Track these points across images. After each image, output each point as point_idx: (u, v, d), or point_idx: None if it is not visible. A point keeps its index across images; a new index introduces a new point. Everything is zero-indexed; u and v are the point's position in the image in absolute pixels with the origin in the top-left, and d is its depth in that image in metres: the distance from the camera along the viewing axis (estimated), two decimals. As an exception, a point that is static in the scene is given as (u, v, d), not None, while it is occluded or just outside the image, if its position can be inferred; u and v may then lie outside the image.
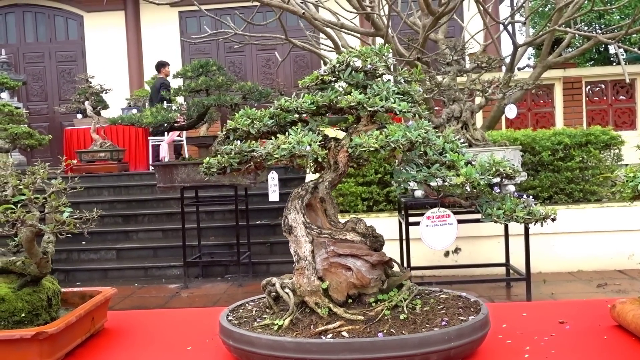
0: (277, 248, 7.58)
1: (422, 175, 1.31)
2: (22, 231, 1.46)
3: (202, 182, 6.33)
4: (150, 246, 7.76)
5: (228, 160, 1.49)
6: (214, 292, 6.26)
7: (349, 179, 6.69)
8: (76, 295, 1.91)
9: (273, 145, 1.37)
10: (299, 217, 1.49)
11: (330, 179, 1.57)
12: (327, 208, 1.57)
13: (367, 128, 1.53)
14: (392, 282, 1.55)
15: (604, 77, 9.17)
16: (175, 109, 6.67)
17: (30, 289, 1.62)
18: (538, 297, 5.33)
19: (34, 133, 6.65)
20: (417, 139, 1.30)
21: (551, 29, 6.57)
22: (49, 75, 14.56)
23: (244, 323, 1.49)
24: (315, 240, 1.49)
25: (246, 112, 1.57)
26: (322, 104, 1.52)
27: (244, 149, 1.48)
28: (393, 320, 1.40)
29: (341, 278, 1.46)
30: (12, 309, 1.56)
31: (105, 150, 9.70)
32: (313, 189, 1.56)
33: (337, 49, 6.55)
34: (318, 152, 1.37)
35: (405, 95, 1.49)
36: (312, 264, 1.45)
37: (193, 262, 6.92)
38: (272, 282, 1.47)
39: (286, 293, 1.43)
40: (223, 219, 8.22)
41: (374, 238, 1.52)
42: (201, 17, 14.32)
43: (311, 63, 14.29)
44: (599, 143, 6.58)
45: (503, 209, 1.35)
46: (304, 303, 1.45)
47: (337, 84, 1.61)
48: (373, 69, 1.48)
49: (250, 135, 1.57)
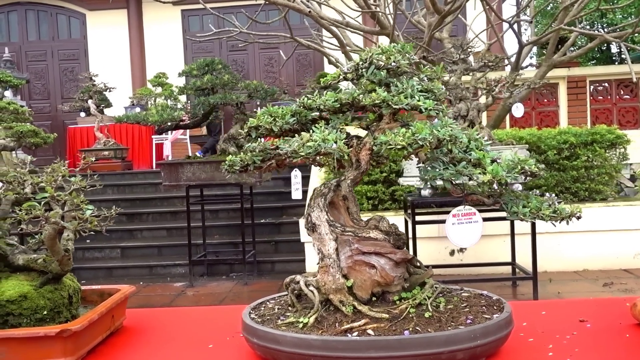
0: (282, 247, 7.58)
1: (449, 173, 1.31)
2: (45, 229, 1.46)
3: (207, 181, 6.33)
4: (155, 245, 7.77)
5: (251, 157, 1.49)
6: (220, 291, 6.26)
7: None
8: (95, 293, 1.91)
9: (299, 143, 1.37)
10: (323, 215, 1.49)
11: (352, 177, 1.57)
12: (349, 206, 1.57)
13: (390, 126, 1.53)
14: (414, 280, 1.55)
15: (608, 76, 9.16)
16: (180, 107, 6.67)
17: (52, 286, 1.62)
18: (544, 296, 5.33)
19: (39, 131, 6.63)
20: (444, 137, 1.30)
21: (557, 28, 6.57)
22: (51, 74, 14.56)
23: (268, 321, 1.49)
24: (339, 238, 1.49)
25: (268, 110, 1.57)
26: (345, 102, 1.51)
27: (267, 147, 1.47)
28: (418, 319, 1.40)
29: (365, 276, 1.46)
30: (35, 306, 1.56)
31: (109, 148, 9.71)
32: (335, 187, 1.56)
33: (342, 47, 6.55)
34: (344, 150, 1.37)
35: (429, 93, 1.48)
36: (337, 262, 1.44)
37: (198, 260, 6.92)
38: (296, 280, 1.47)
39: (311, 291, 1.43)
40: (227, 218, 8.22)
41: (396, 236, 1.52)
42: (204, 15, 14.31)
43: (314, 62, 14.28)
44: (605, 142, 6.58)
45: (529, 207, 1.35)
46: (329, 301, 1.45)
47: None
48: (396, 67, 1.48)
49: (273, 132, 1.57)
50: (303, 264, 6.80)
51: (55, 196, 1.52)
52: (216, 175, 6.32)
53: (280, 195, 8.55)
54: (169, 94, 6.47)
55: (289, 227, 7.83)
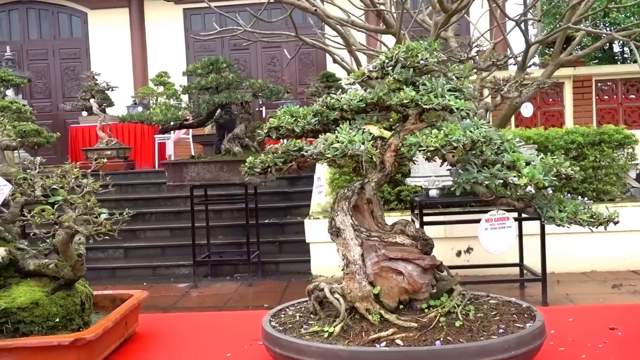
0: (286, 247, 7.52)
1: (484, 176, 1.25)
2: (58, 233, 1.40)
3: (212, 181, 6.27)
4: (158, 245, 7.71)
5: (273, 159, 1.43)
6: (224, 292, 6.20)
7: (359, 178, 6.62)
8: (107, 299, 1.85)
9: (325, 145, 1.31)
10: (347, 219, 1.43)
11: (376, 180, 1.51)
12: (373, 210, 1.51)
13: (417, 127, 1.47)
14: (441, 286, 1.49)
15: (615, 75, 9.10)
16: (184, 106, 6.61)
17: (64, 292, 1.56)
18: (553, 298, 5.27)
19: (42, 130, 6.59)
20: (478, 138, 1.24)
21: (564, 27, 6.51)
22: (52, 73, 14.48)
23: (290, 329, 1.43)
24: (365, 244, 1.43)
25: (289, 109, 1.51)
26: (370, 102, 1.46)
27: (290, 148, 1.41)
28: (448, 328, 1.34)
29: (392, 283, 1.40)
30: (47, 313, 1.50)
31: (111, 148, 9.64)
32: (360, 190, 1.50)
33: (348, 46, 6.49)
34: (372, 152, 1.31)
35: (458, 92, 1.43)
36: (363, 268, 1.39)
37: (202, 261, 6.86)
38: (320, 287, 1.41)
39: (336, 299, 1.37)
40: (231, 218, 8.16)
41: (423, 241, 1.46)
42: (206, 14, 14.25)
43: (316, 61, 14.22)
44: (613, 142, 6.52)
45: (565, 212, 1.29)
46: (354, 309, 1.39)
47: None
48: (423, 65, 1.42)
49: (294, 133, 1.51)
50: (308, 265, 6.74)
51: (68, 199, 1.46)
52: (221, 175, 6.26)
53: (284, 196, 8.49)
54: (172, 93, 6.41)
55: (293, 227, 7.76)
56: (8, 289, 1.51)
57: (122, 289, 1.97)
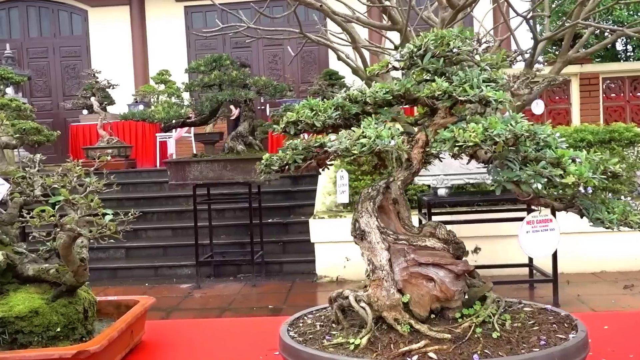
0: (290, 247, 7.41)
1: (527, 174, 1.14)
2: (60, 236, 1.29)
3: (215, 179, 6.16)
4: (160, 245, 7.60)
5: (292, 156, 1.32)
6: (228, 293, 6.09)
7: (365, 177, 6.52)
8: (111, 305, 1.74)
9: (350, 140, 1.20)
10: (373, 221, 1.32)
11: (403, 178, 1.40)
12: (400, 210, 1.40)
13: (447, 121, 1.36)
14: (473, 293, 1.38)
15: (622, 73, 8.99)
16: (186, 104, 6.50)
17: (66, 299, 1.45)
18: (564, 299, 5.16)
19: (43, 129, 6.48)
20: (522, 132, 1.13)
21: (573, 23, 6.39)
22: (52, 71, 14.37)
23: (311, 340, 1.32)
24: (392, 247, 1.32)
25: (309, 102, 1.40)
26: (397, 94, 1.34)
27: (311, 144, 1.30)
28: (485, 339, 1.23)
29: (423, 290, 1.29)
30: (47, 323, 1.39)
31: (112, 146, 9.53)
32: (385, 190, 1.39)
33: (354, 43, 6.37)
34: (403, 148, 1.19)
35: (492, 83, 1.31)
36: (391, 275, 1.28)
37: (205, 261, 6.75)
38: (345, 295, 1.30)
39: (362, 308, 1.26)
40: (234, 217, 8.05)
41: (455, 244, 1.35)
42: (207, 12, 14.14)
43: (319, 59, 14.11)
44: (623, 140, 6.40)
45: (615, 214, 1.18)
46: (381, 318, 1.28)
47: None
48: (456, 54, 1.31)
49: (314, 128, 1.40)
50: (312, 265, 6.63)
51: (70, 199, 1.35)
52: (224, 173, 6.16)
53: (287, 194, 8.38)
54: (175, 90, 6.30)
55: (297, 226, 7.65)
56: (5, 296, 1.40)
57: (124, 290, 1.86)
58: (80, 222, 1.40)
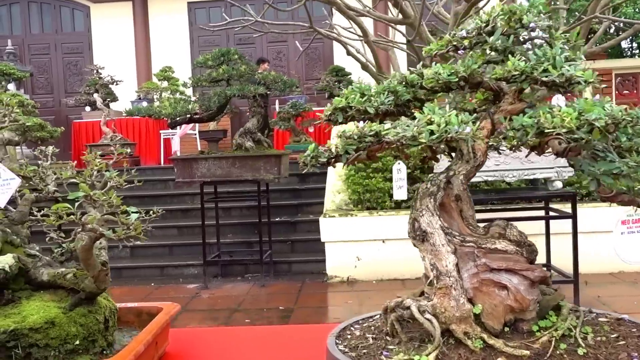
0: (298, 246, 7.25)
1: (629, 166, 0.98)
2: (80, 237, 1.13)
3: (223, 177, 6.00)
4: (166, 244, 7.44)
5: (344, 146, 1.16)
6: (236, 293, 5.93)
7: (377, 174, 6.36)
8: (131, 313, 1.58)
9: (418, 127, 1.03)
10: (435, 221, 1.16)
11: (465, 172, 1.24)
12: (462, 208, 1.24)
13: (515, 107, 1.20)
14: (545, 302, 1.22)
15: (635, 69, 8.83)
16: (193, 100, 6.34)
17: (85, 308, 1.30)
18: (584, 301, 5.00)
19: (46, 125, 6.32)
20: (623, 117, 0.97)
21: (590, 17, 6.24)
22: (54, 68, 14.19)
23: (365, 356, 1.16)
24: (459, 251, 1.16)
25: (359, 87, 1.24)
26: (462, 76, 1.18)
27: (366, 132, 1.14)
28: (569, 356, 1.07)
29: (495, 300, 1.13)
30: (64, 335, 1.23)
31: (115, 143, 9.35)
32: (445, 185, 1.23)
33: (365, 37, 6.22)
34: (479, 136, 1.03)
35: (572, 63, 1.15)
36: (460, 282, 1.12)
37: (212, 261, 6.60)
38: (406, 305, 1.14)
39: (428, 320, 1.10)
40: (240, 216, 7.89)
41: (528, 247, 1.19)
42: (211, 8, 13.98)
43: (323, 55, 13.94)
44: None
45: None
46: (448, 331, 1.12)
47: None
48: (530, 30, 1.14)
49: (366, 115, 1.24)
50: (321, 265, 6.48)
51: (91, 196, 1.19)
52: (232, 171, 6.00)
53: (294, 193, 8.22)
54: (182, 85, 6.14)
55: (305, 225, 7.50)
56: (17, 305, 1.24)
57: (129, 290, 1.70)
58: (100, 222, 1.24)
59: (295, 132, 9.21)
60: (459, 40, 1.20)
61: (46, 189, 1.39)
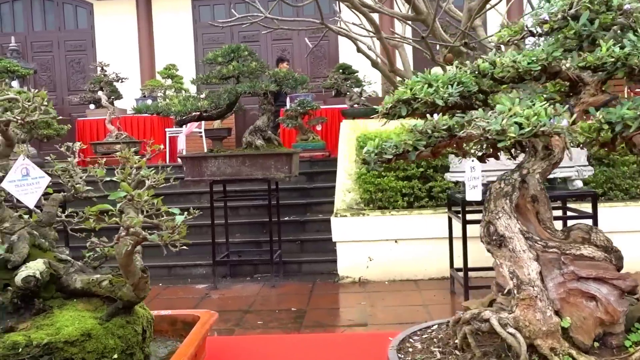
0: (308, 246, 7.15)
1: None
2: (125, 242, 1.02)
3: (233, 176, 5.89)
4: (173, 243, 7.33)
5: (414, 142, 1.04)
6: (247, 294, 5.82)
7: (388, 173, 6.25)
8: (164, 321, 1.47)
9: (505, 120, 0.92)
10: (514, 224, 1.06)
11: (541, 170, 1.13)
12: (539, 210, 1.13)
13: (598, 99, 1.10)
14: (629, 313, 1.11)
15: (647, 67, 8.70)
16: (202, 97, 6.23)
17: (123, 319, 1.19)
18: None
19: (52, 122, 6.21)
20: None
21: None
22: (57, 65, 14.09)
23: (437, 373, 1.05)
24: (541, 257, 1.04)
25: (425, 76, 1.13)
26: (542, 64, 1.07)
27: (440, 126, 1.03)
28: (671, 376, 0.96)
29: (584, 312, 1.03)
30: (102, 348, 1.12)
31: (121, 142, 9.25)
32: (521, 184, 1.12)
33: (378, 33, 6.10)
34: (576, 129, 0.92)
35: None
36: (545, 292, 1.01)
37: (222, 261, 6.49)
38: (484, 317, 1.03)
39: (511, 334, 0.99)
40: (248, 215, 7.78)
41: (616, 253, 1.08)
42: (215, 5, 13.87)
43: (329, 53, 13.84)
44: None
45: None
46: (532, 347, 1.01)
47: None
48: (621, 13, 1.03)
49: (433, 107, 1.13)
50: (331, 265, 6.38)
51: (133, 196, 1.08)
52: (242, 169, 5.89)
53: (302, 192, 8.11)
54: (191, 81, 6.03)
55: (314, 225, 7.39)
56: (49, 315, 1.13)
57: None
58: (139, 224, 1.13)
59: (303, 130, 9.10)
60: (538, 24, 1.09)
61: (75, 189, 1.28)
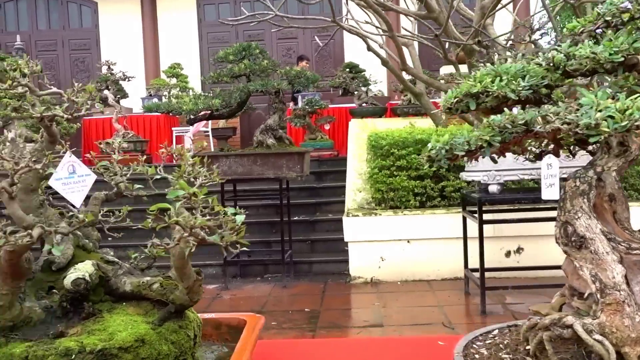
0: (318, 246, 7.09)
1: None
2: (187, 243, 0.97)
3: (244, 175, 5.84)
4: (182, 243, 7.27)
5: (491, 138, 0.99)
6: (258, 294, 5.77)
7: (400, 172, 6.19)
8: (208, 324, 1.42)
9: (600, 114, 0.87)
10: (594, 224, 1.00)
11: (617, 167, 1.07)
12: (616, 209, 1.07)
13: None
14: None
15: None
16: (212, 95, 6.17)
17: (175, 323, 1.14)
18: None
19: (61, 121, 6.14)
20: None
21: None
22: (61, 64, 14.05)
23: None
24: (625, 259, 0.99)
25: (496, 68, 1.07)
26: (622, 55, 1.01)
27: (517, 121, 0.97)
28: None
29: (673, 317, 0.96)
30: (156, 354, 1.07)
31: (128, 141, 9.19)
32: (597, 182, 1.06)
33: (390, 31, 6.04)
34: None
35: None
36: (632, 297, 0.95)
37: (232, 261, 6.44)
38: (567, 323, 0.97)
39: (598, 341, 0.93)
40: (257, 215, 7.72)
41: (701, 255, 1.02)
42: (220, 4, 13.82)
43: (334, 52, 13.79)
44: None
45: None
46: (619, 354, 0.96)
47: None
48: None
49: (504, 101, 1.07)
50: (342, 265, 6.32)
51: (192, 195, 1.03)
52: (254, 168, 5.84)
53: (312, 191, 8.05)
54: (202, 80, 5.97)
55: (324, 225, 7.34)
56: (100, 320, 1.08)
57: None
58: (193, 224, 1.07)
59: (311, 129, 9.04)
60: (617, 12, 1.04)
61: (125, 186, 1.22)
